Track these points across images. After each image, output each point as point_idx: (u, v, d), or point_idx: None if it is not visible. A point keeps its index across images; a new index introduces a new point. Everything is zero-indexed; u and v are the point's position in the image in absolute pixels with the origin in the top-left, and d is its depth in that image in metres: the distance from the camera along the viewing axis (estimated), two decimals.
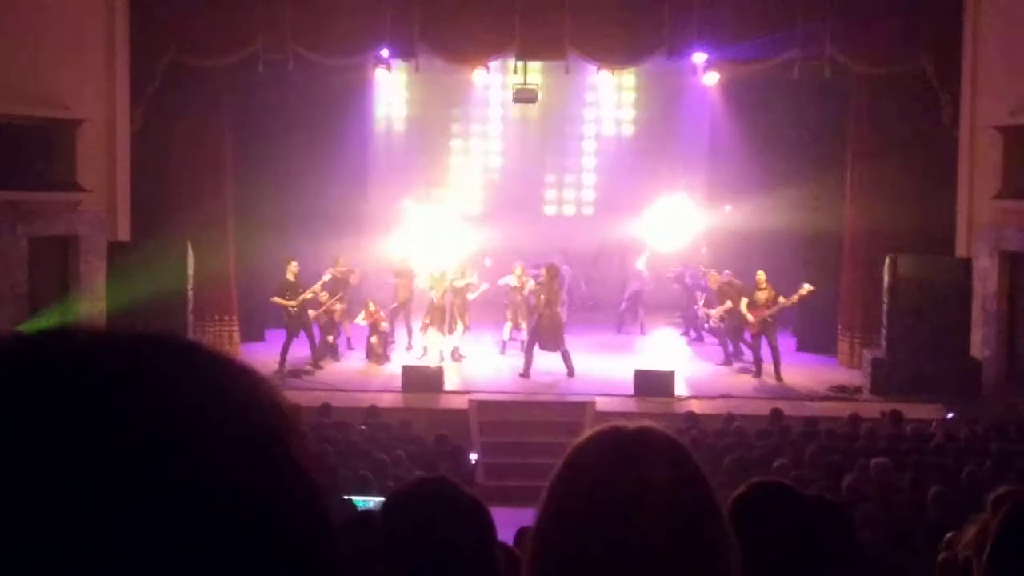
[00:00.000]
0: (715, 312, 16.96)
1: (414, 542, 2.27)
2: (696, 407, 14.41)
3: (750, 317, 16.00)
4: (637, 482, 1.50)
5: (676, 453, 1.56)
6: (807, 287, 15.81)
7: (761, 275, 16.21)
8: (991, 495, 3.72)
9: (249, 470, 0.72)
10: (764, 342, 16.08)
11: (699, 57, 16.61)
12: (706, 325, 18.67)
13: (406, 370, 15.46)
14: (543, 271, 16.25)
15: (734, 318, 16.56)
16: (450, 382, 15.56)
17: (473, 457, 13.06)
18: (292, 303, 16.27)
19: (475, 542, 2.34)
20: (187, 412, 0.71)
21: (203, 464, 0.70)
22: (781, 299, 15.96)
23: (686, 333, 19.39)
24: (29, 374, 0.70)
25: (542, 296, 15.91)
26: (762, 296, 16.02)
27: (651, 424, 1.60)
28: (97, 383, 0.71)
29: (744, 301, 16.14)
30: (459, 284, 16.80)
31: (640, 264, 19.09)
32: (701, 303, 18.31)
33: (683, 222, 18.92)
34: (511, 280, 17.07)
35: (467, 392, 15.25)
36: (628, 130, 22.04)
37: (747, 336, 16.59)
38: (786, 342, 16.99)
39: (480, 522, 2.38)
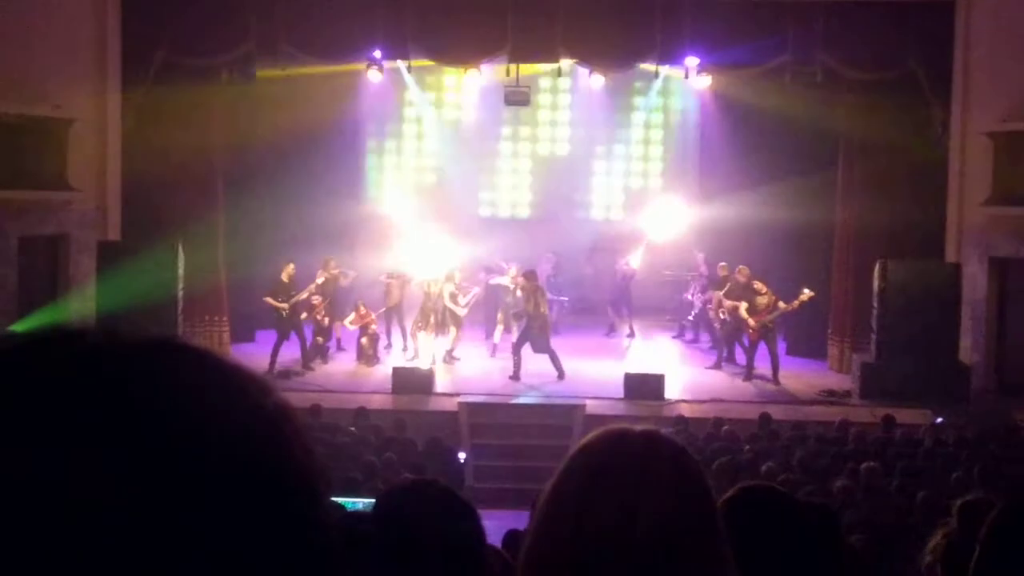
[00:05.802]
0: (728, 303, 16.81)
1: (403, 544, 2.27)
2: (686, 410, 14.43)
3: (751, 322, 15.99)
4: (640, 486, 1.48)
5: (682, 460, 1.54)
6: (807, 292, 15.78)
7: (759, 283, 16.18)
8: (957, 502, 3.72)
9: (258, 474, 0.73)
10: (762, 348, 16.07)
11: (691, 61, 16.64)
12: (691, 316, 18.63)
13: (396, 372, 15.44)
14: (520, 277, 16.23)
15: (735, 320, 16.55)
16: (440, 384, 15.52)
17: (462, 456, 13.02)
18: (283, 305, 16.23)
19: (464, 545, 2.34)
20: (201, 416, 0.72)
21: (217, 467, 0.70)
22: (781, 304, 15.92)
23: (679, 335, 19.38)
24: (46, 377, 0.70)
25: (531, 299, 15.89)
26: (762, 301, 15.98)
27: (657, 429, 1.58)
28: (119, 385, 0.71)
29: (744, 306, 16.13)
30: (452, 289, 16.73)
31: (633, 261, 18.83)
32: (697, 292, 18.28)
33: (676, 219, 18.71)
34: (505, 280, 17.02)
35: (457, 394, 15.22)
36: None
37: (745, 340, 16.58)
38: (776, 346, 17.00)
39: (470, 525, 2.38)
